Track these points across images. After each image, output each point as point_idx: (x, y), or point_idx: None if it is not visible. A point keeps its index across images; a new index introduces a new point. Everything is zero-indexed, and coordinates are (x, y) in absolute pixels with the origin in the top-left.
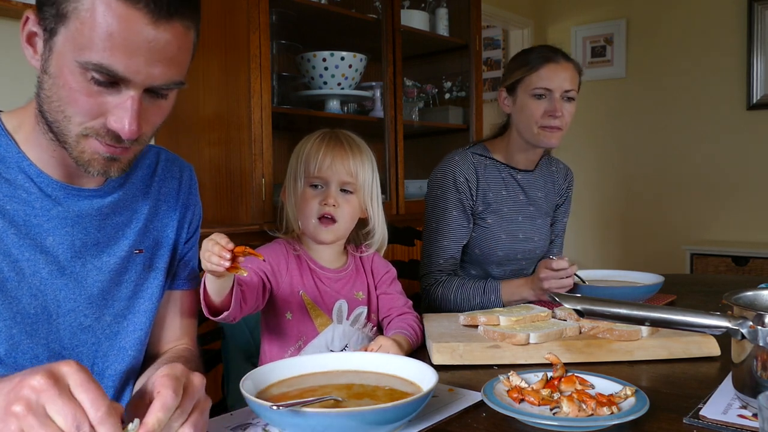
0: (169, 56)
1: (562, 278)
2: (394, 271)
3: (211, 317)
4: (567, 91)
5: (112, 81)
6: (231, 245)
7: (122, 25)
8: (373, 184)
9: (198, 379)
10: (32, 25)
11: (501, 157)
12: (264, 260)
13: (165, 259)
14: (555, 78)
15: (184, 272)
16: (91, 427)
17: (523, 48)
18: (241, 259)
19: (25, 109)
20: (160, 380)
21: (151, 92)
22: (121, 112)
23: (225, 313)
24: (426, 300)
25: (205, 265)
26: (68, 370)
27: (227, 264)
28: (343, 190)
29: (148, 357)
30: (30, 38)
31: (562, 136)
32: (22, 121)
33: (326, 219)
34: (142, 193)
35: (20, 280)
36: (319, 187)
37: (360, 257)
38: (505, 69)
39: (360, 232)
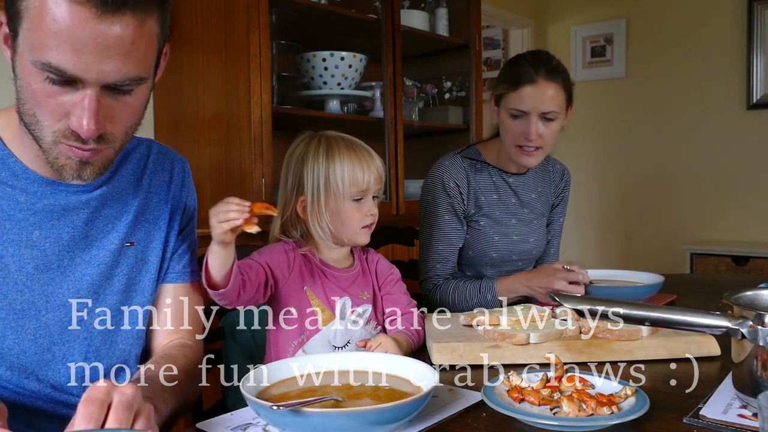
0: (122, 51)
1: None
2: (398, 273)
3: (209, 289)
4: (545, 113)
5: (67, 80)
6: (248, 202)
7: (67, 22)
8: None
9: (130, 390)
10: (5, 27)
11: (493, 160)
12: (277, 214)
13: (157, 253)
14: (532, 100)
15: (179, 264)
16: None
17: (521, 50)
18: (255, 219)
19: (12, 109)
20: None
21: (112, 89)
22: (79, 111)
23: (224, 290)
24: (426, 305)
25: (218, 225)
26: None
27: (246, 215)
28: (374, 197)
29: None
30: (6, 40)
31: (542, 153)
32: (9, 120)
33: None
34: (133, 186)
35: (5, 276)
36: (360, 199)
37: (365, 258)
38: (497, 76)
39: None
